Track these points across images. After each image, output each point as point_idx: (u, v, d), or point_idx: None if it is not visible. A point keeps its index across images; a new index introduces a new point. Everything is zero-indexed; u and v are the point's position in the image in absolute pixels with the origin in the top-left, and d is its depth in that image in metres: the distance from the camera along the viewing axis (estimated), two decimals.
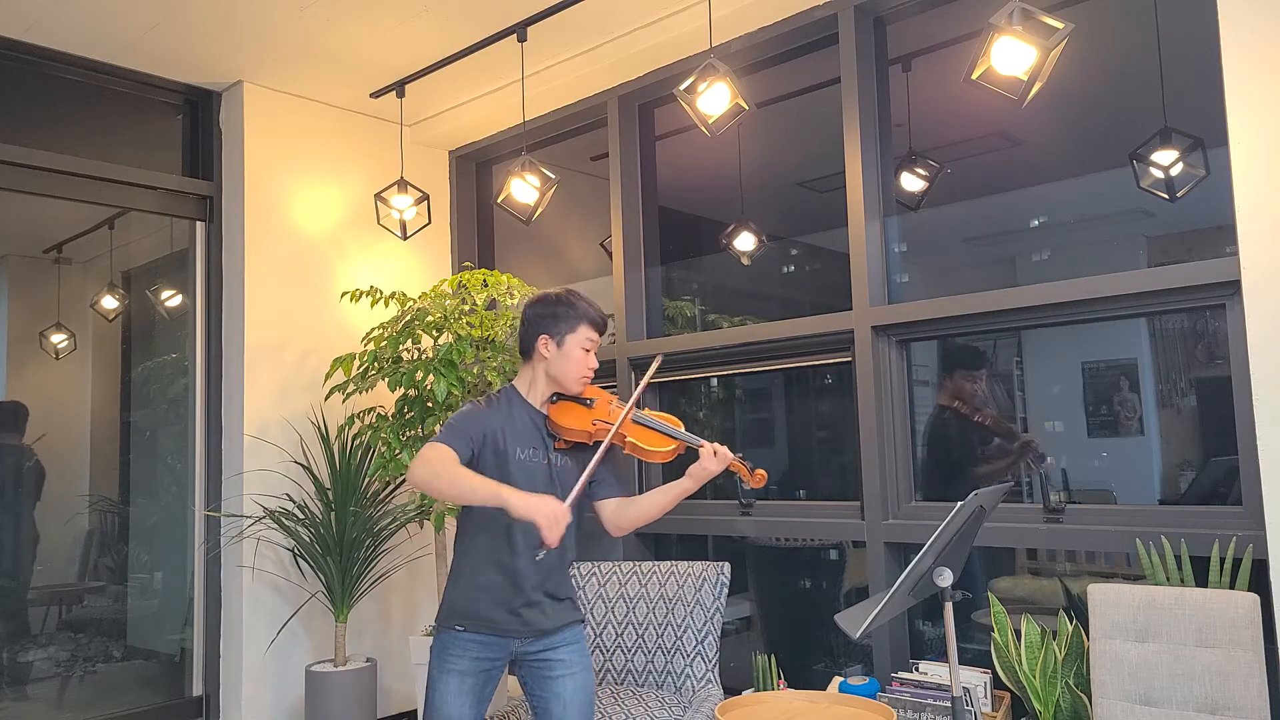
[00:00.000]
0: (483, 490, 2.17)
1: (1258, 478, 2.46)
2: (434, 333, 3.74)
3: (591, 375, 2.46)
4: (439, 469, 2.20)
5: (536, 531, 2.13)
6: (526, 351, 2.47)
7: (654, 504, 2.41)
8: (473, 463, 2.31)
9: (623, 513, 2.44)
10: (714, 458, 2.33)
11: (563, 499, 2.20)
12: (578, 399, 2.45)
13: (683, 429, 2.44)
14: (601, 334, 2.47)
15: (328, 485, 3.90)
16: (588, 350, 2.43)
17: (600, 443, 2.36)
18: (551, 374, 2.44)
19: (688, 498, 2.40)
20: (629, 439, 2.40)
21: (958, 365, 3.38)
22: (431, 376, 3.52)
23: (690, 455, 2.41)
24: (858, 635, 2.01)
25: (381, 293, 3.89)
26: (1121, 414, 2.99)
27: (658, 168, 4.17)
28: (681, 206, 4.24)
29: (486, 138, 4.66)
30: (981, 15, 3.02)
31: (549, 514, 2.11)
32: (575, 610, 2.48)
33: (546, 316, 2.44)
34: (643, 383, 2.47)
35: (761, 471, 2.38)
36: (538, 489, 2.29)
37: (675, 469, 2.50)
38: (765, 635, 3.95)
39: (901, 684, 2.90)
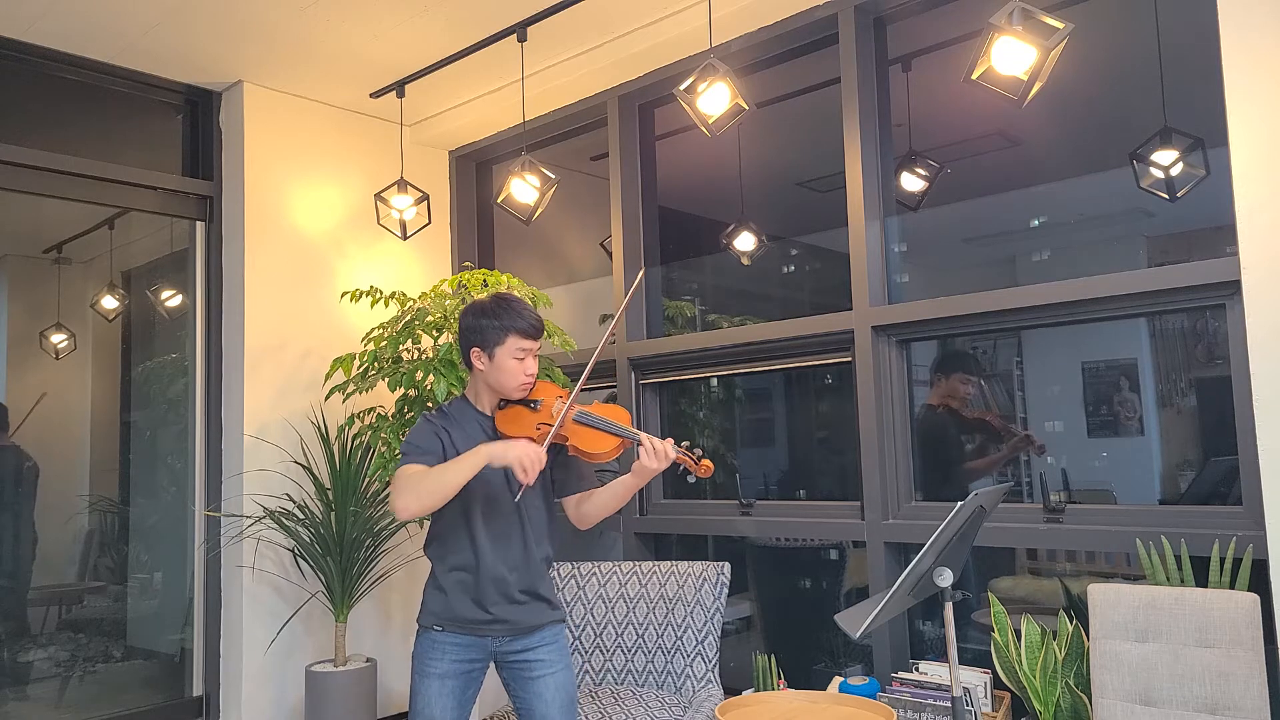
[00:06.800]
0: (464, 467, 2.21)
1: (1258, 478, 2.46)
2: (434, 333, 3.74)
3: (531, 380, 2.42)
4: (419, 486, 2.22)
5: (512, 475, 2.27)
6: (466, 362, 2.46)
7: (607, 501, 2.45)
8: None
9: (582, 508, 2.49)
10: (653, 455, 2.29)
11: (519, 501, 2.36)
12: (523, 402, 2.45)
13: (628, 424, 2.39)
14: (535, 339, 2.40)
15: (328, 485, 3.90)
16: (520, 359, 2.39)
17: (552, 444, 2.35)
18: (489, 384, 2.44)
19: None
20: (570, 441, 2.39)
21: (956, 368, 3.38)
22: (431, 376, 3.52)
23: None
24: (858, 635, 2.01)
25: (381, 293, 3.89)
26: (1121, 414, 2.99)
27: (658, 168, 4.17)
28: (681, 206, 4.24)
29: (486, 138, 4.66)
30: (981, 15, 3.02)
31: (520, 455, 2.19)
32: (554, 610, 2.50)
33: (474, 330, 2.40)
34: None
35: (708, 462, 2.34)
36: (496, 491, 2.40)
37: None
38: (765, 635, 3.95)
39: (901, 684, 2.90)
